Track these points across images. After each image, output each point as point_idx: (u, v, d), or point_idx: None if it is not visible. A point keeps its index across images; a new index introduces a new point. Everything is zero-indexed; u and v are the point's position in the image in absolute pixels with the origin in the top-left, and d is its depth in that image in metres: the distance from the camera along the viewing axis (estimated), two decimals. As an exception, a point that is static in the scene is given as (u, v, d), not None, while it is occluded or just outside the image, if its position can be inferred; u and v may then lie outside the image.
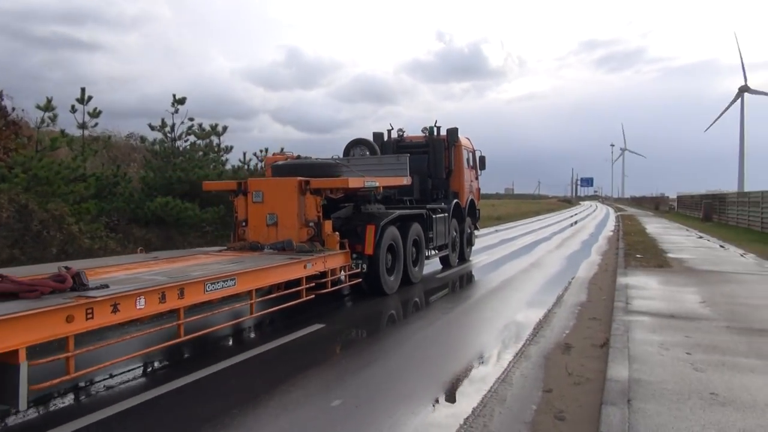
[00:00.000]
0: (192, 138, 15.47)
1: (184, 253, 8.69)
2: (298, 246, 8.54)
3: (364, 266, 9.45)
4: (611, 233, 26.54)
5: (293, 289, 7.60)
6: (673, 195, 74.19)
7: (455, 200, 13.80)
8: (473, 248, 16.23)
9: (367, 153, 12.62)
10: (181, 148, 15.41)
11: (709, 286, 9.99)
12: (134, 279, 5.69)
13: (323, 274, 8.28)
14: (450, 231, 13.31)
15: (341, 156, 12.52)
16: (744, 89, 62.48)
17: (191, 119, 15.06)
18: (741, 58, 62.36)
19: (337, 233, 9.14)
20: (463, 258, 14.81)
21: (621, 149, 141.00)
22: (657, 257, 14.58)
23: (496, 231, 27.22)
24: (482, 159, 16.10)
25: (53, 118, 12.20)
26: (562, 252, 17.81)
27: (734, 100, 62.51)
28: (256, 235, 9.13)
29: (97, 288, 4.83)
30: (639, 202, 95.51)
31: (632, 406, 4.32)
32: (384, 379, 5.55)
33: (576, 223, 37.30)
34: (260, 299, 7.02)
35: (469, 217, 15.15)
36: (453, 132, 13.72)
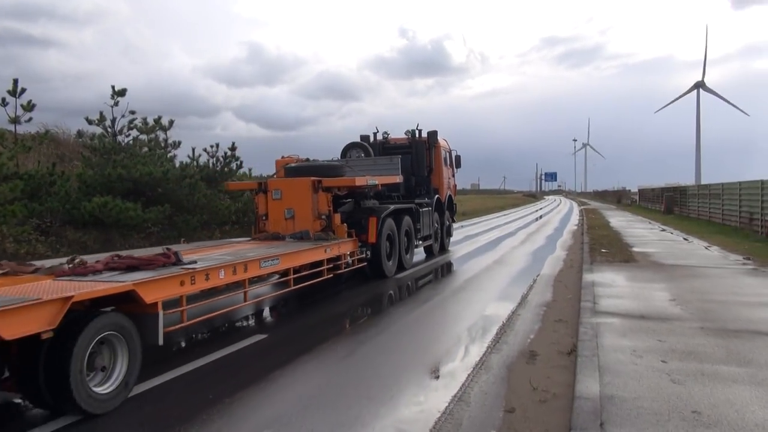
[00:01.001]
0: (135, 133, 14.48)
1: (219, 243, 10.04)
2: (316, 235, 9.80)
3: (368, 253, 10.74)
4: (575, 227, 26.34)
5: (315, 269, 9.04)
6: (634, 188, 75.19)
7: (436, 196, 15.03)
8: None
9: (362, 155, 13.88)
10: (123, 144, 14.42)
11: (677, 282, 9.58)
12: (207, 258, 6.80)
13: (338, 258, 9.66)
14: (433, 223, 14.59)
15: (339, 157, 13.90)
16: (699, 84, 63.70)
17: (132, 112, 14.08)
18: (705, 54, 63.48)
19: (345, 224, 10.45)
20: (443, 247, 16.01)
21: (583, 144, 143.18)
22: (622, 252, 14.23)
23: (462, 227, 26.74)
24: (458, 158, 17.24)
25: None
26: (527, 248, 17.37)
27: (688, 92, 63.65)
28: (276, 227, 10.35)
29: (190, 263, 6.18)
30: (601, 195, 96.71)
31: (605, 431, 3.72)
32: (323, 401, 4.84)
33: (541, 217, 37.20)
34: (296, 276, 8.24)
35: (448, 210, 16.34)
36: (433, 134, 14.99)
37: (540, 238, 20.64)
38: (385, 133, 15.36)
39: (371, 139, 15.25)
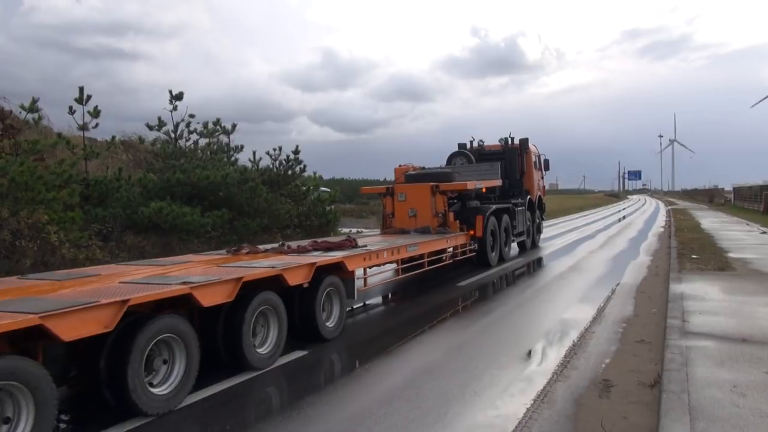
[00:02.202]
0: (195, 137, 14.43)
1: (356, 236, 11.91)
2: (436, 230, 11.91)
3: (475, 246, 12.52)
4: (662, 229, 24.41)
5: (438, 256, 11.04)
6: (727, 186, 69.83)
7: (528, 196, 16.51)
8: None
9: (465, 161, 15.37)
10: (185, 148, 14.41)
11: (785, 296, 8.22)
12: (371, 244, 9.13)
13: (454, 248, 11.72)
14: (525, 221, 16.10)
15: (444, 165, 15.39)
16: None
17: (192, 116, 14.01)
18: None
19: (457, 221, 12.45)
20: (534, 244, 17.50)
21: (670, 140, 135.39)
22: (716, 258, 12.71)
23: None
24: (546, 161, 18.73)
25: (37, 120, 11.31)
26: (607, 252, 16.03)
27: None
28: (401, 224, 12.54)
29: (362, 247, 8.44)
30: (691, 195, 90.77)
31: (700, 508, 2.83)
32: (355, 437, 4.17)
33: (623, 218, 35.01)
34: (409, 264, 10.23)
35: (538, 210, 17.83)
36: (524, 141, 16.51)
37: (621, 242, 19.13)
38: (481, 140, 16.98)
39: (468, 146, 16.86)
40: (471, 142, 17.02)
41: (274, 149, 16.40)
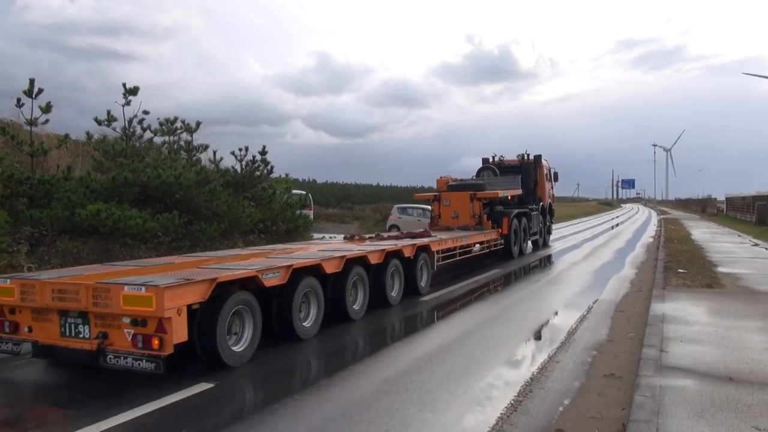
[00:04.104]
0: (149, 134, 13.42)
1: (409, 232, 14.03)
2: (474, 228, 15.00)
3: (502, 241, 15.48)
4: (651, 240, 23.52)
5: (473, 248, 13.88)
6: (720, 196, 69.13)
7: (540, 203, 19.34)
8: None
9: (491, 174, 18.04)
10: (138, 146, 13.39)
11: (778, 320, 7.29)
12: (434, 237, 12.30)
13: (488, 242, 14.68)
14: (538, 224, 18.96)
15: (475, 177, 18.25)
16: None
17: (146, 112, 12.98)
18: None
19: (490, 221, 15.44)
20: (545, 243, 20.52)
21: (665, 150, 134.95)
22: (704, 272, 11.78)
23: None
24: (556, 174, 21.70)
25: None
26: (591, 263, 15.11)
27: None
28: (446, 223, 15.73)
29: (435, 236, 12.08)
30: (684, 204, 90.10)
31: None
32: None
33: (615, 227, 34.13)
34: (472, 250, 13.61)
35: (549, 215, 20.81)
36: (538, 157, 19.27)
37: (607, 252, 18.22)
38: (501, 156, 19.78)
39: (490, 160, 19.56)
40: (493, 157, 19.71)
41: (240, 149, 15.45)
